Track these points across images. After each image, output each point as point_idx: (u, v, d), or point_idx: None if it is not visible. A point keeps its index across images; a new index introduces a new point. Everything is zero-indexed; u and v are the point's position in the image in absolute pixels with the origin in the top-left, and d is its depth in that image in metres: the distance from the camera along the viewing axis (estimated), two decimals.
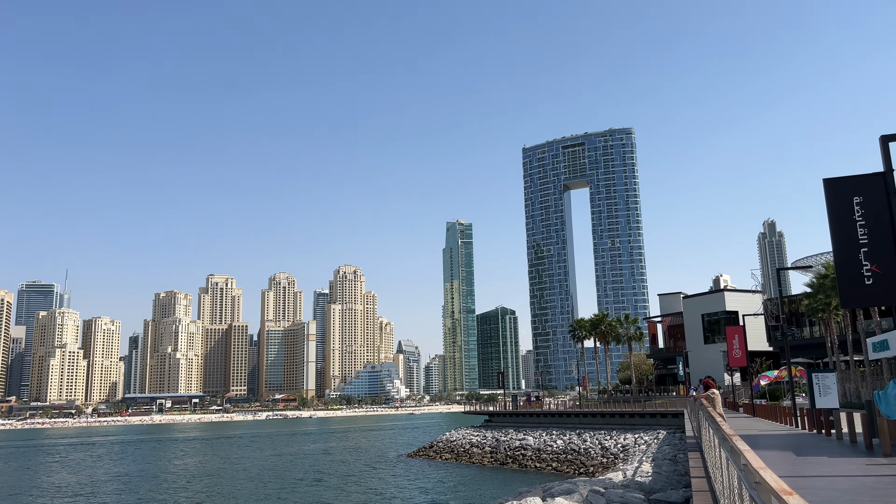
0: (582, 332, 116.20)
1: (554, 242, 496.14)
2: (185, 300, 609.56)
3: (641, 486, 28.43)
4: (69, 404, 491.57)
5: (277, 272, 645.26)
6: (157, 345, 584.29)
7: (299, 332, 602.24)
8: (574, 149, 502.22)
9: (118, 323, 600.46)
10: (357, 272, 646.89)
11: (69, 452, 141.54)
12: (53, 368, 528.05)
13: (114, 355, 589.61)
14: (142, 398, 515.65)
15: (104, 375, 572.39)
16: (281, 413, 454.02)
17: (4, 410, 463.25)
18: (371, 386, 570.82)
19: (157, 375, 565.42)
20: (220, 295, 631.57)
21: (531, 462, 72.58)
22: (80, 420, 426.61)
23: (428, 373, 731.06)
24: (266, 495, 62.43)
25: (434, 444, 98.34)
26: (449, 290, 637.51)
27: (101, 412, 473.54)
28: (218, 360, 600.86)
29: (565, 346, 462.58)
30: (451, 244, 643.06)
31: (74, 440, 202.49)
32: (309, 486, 68.89)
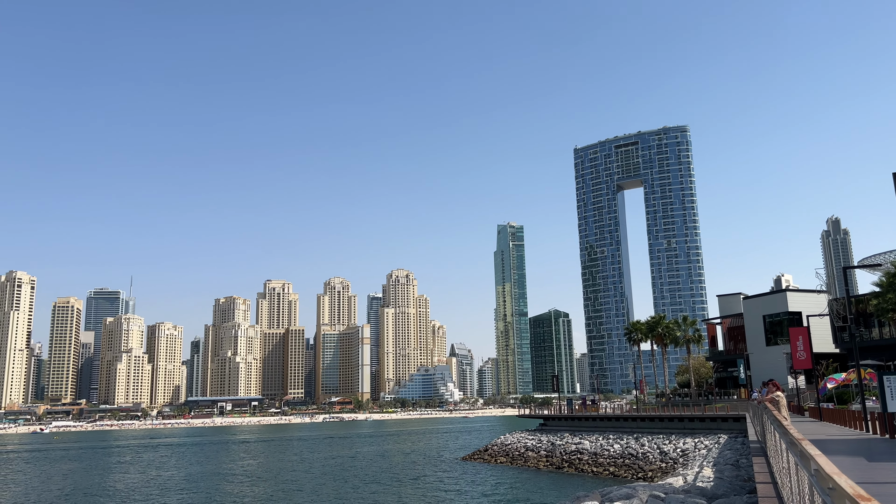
0: (638, 334, 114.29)
1: (608, 244, 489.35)
2: (243, 305, 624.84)
3: (703, 491, 27.91)
4: (135, 407, 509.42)
5: (332, 277, 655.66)
6: (217, 349, 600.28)
7: (354, 336, 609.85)
8: (627, 148, 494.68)
9: (180, 328, 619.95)
10: (409, 276, 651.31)
11: (138, 453, 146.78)
12: (120, 372, 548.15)
13: (177, 359, 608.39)
14: (203, 401, 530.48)
15: (168, 379, 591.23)
16: (337, 416, 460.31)
17: (76, 413, 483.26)
18: (424, 389, 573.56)
19: (218, 379, 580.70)
20: (278, 300, 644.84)
21: (588, 466, 71.85)
22: (146, 422, 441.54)
23: (481, 376, 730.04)
24: (328, 496, 63.52)
25: (489, 447, 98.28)
26: (501, 293, 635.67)
27: (166, 415, 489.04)
28: (276, 364, 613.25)
29: (621, 348, 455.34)
30: (502, 247, 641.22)
31: (141, 441, 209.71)
32: (369, 487, 69.77)
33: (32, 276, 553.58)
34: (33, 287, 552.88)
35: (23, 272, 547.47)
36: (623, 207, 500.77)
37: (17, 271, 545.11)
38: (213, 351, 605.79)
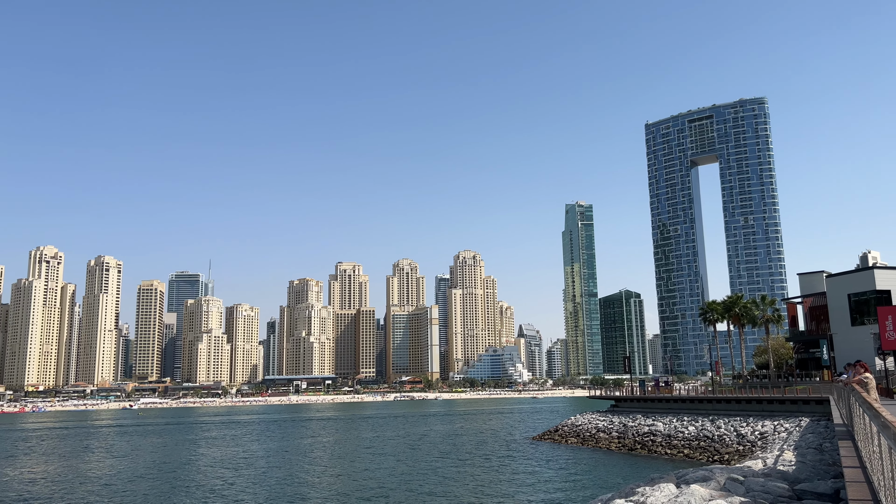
0: (714, 314, 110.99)
1: (681, 221, 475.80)
2: (316, 287, 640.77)
3: (784, 475, 27.05)
4: (216, 385, 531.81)
5: (401, 258, 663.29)
6: (292, 329, 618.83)
7: (422, 317, 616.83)
8: (701, 122, 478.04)
9: (257, 309, 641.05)
10: (476, 257, 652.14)
11: (220, 429, 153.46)
12: (201, 352, 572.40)
13: (254, 339, 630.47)
14: (280, 379, 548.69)
15: (245, 358, 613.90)
16: (408, 395, 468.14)
17: (161, 390, 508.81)
18: (493, 369, 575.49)
19: (293, 358, 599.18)
20: (349, 281, 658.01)
21: (661, 448, 70.74)
22: (226, 400, 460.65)
23: (550, 357, 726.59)
24: (403, 472, 64.88)
25: (559, 427, 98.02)
26: (569, 273, 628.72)
27: (244, 392, 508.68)
28: (348, 344, 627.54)
29: (695, 329, 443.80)
30: (570, 227, 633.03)
31: (223, 418, 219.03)
32: (443, 465, 70.85)
33: (119, 261, 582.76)
34: (120, 271, 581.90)
35: (110, 257, 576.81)
36: (697, 184, 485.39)
37: (105, 256, 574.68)
38: (287, 331, 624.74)
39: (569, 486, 54.31)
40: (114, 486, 61.70)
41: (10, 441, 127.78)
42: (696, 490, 23.31)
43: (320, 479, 63.60)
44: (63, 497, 55.46)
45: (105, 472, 72.18)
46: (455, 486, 55.99)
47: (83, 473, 71.75)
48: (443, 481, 59.05)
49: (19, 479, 67.84)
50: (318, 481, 61.71)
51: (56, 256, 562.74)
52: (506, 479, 59.67)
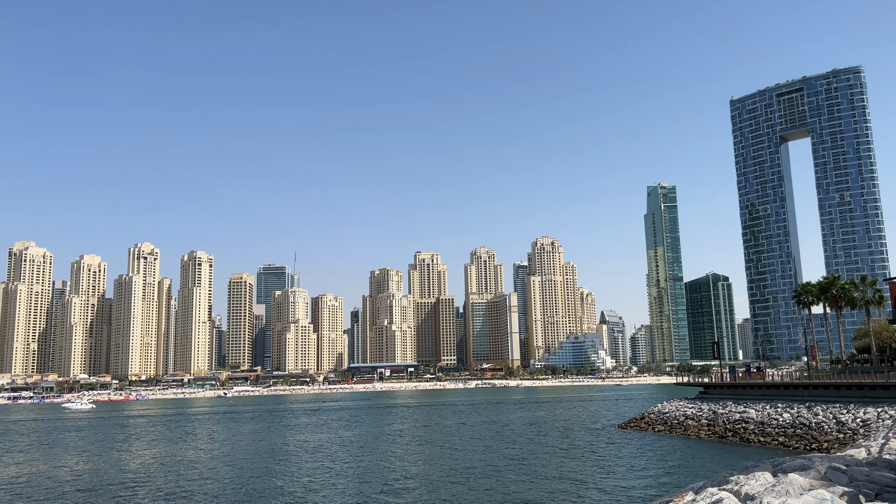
0: (809, 297, 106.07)
1: (771, 200, 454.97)
2: (396, 276, 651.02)
3: (891, 464, 25.97)
4: (304, 373, 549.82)
5: (478, 247, 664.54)
6: (374, 318, 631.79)
7: (501, 304, 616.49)
8: (791, 95, 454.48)
9: (340, 299, 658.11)
10: (555, 243, 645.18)
11: (311, 416, 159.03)
12: (289, 341, 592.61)
13: (338, 328, 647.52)
14: (364, 367, 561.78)
15: (331, 347, 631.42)
16: (489, 382, 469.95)
17: (252, 378, 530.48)
18: (575, 356, 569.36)
19: (377, 346, 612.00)
20: (427, 270, 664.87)
21: (754, 436, 68.72)
22: (314, 387, 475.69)
23: (634, 343, 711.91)
24: (491, 459, 65.73)
25: (645, 415, 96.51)
26: (653, 257, 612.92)
27: (331, 380, 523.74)
28: (428, 332, 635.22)
29: (788, 313, 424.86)
30: (652, 209, 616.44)
31: (312, 405, 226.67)
32: (528, 451, 71.28)
33: (210, 255, 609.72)
34: (211, 265, 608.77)
35: (202, 252, 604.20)
36: (787, 160, 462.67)
37: (197, 251, 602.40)
38: (370, 320, 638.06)
39: (658, 473, 53.66)
40: (219, 469, 65.28)
41: (121, 427, 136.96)
42: (795, 479, 22.74)
43: (410, 464, 65.24)
44: (174, 480, 59.17)
45: (209, 457, 76.42)
46: (543, 473, 56.32)
47: (190, 457, 76.21)
48: (531, 468, 59.47)
49: (136, 462, 72.78)
50: (409, 467, 63.34)
51: (153, 253, 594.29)
52: (594, 466, 59.50)
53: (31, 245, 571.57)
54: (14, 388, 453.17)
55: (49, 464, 72.59)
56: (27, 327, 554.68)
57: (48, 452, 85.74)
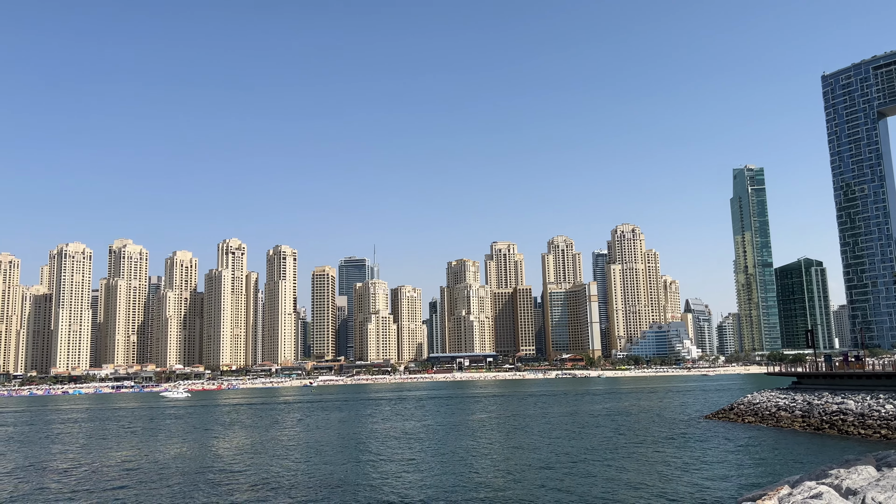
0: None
1: (868, 180, 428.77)
2: (473, 267, 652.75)
3: None
4: (385, 363, 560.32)
5: (555, 235, 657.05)
6: (452, 309, 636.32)
7: (581, 294, 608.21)
8: (889, 68, 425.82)
9: (419, 290, 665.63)
10: (636, 230, 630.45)
11: (394, 404, 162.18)
12: (370, 332, 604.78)
13: (417, 319, 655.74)
14: (443, 357, 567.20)
15: (410, 337, 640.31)
16: (569, 372, 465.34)
17: (336, 368, 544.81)
18: (658, 346, 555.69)
19: (455, 336, 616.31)
20: (504, 260, 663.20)
21: (853, 428, 65.52)
22: (395, 377, 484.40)
23: (721, 332, 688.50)
24: (574, 450, 65.42)
25: (734, 406, 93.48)
26: (740, 243, 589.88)
27: (412, 370, 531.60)
28: (507, 322, 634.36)
29: (889, 298, 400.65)
30: (739, 193, 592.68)
31: (394, 394, 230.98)
32: (613, 442, 70.46)
33: (294, 249, 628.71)
34: (295, 259, 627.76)
35: (286, 246, 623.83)
36: (886, 137, 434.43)
37: (282, 245, 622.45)
38: (448, 311, 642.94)
39: (750, 466, 52.03)
40: (307, 456, 67.69)
41: (215, 415, 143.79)
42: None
43: (493, 453, 65.68)
44: (267, 466, 61.82)
45: (298, 444, 79.32)
46: (629, 465, 55.60)
47: (281, 445, 79.34)
48: (616, 460, 58.81)
49: (231, 449, 76.43)
50: (492, 456, 63.79)
51: (240, 248, 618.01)
52: (681, 458, 58.24)
53: (128, 243, 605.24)
54: (117, 378, 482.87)
55: (153, 449, 77.18)
56: (127, 321, 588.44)
57: (151, 438, 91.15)
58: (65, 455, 74.09)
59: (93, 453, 74.48)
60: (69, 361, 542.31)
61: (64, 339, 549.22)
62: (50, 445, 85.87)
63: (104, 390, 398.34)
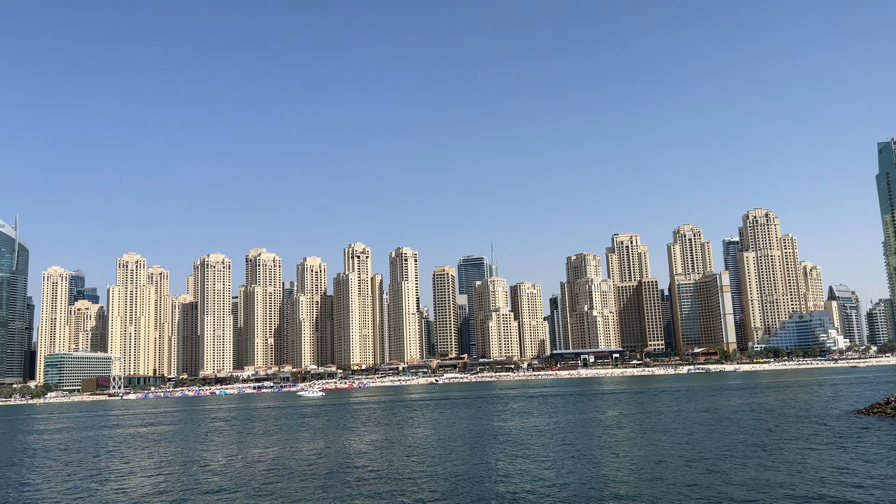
0: None
1: None
2: (594, 261, 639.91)
3: None
4: (508, 360, 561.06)
5: (681, 224, 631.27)
6: (574, 304, 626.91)
7: (711, 284, 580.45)
8: None
9: (538, 286, 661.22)
10: (769, 215, 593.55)
11: (520, 401, 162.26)
12: (491, 330, 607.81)
13: (538, 315, 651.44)
14: (567, 354, 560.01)
15: (532, 334, 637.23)
16: (702, 367, 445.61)
17: (460, 366, 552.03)
18: (800, 337, 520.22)
19: (578, 332, 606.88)
20: (626, 253, 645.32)
21: None
22: (518, 374, 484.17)
23: (871, 320, 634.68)
24: (712, 448, 62.81)
25: (891, 399, 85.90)
26: (890, 222, 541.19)
27: (535, 367, 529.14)
28: (632, 316, 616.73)
29: None
30: (886, 168, 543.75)
31: (519, 391, 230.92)
32: (756, 440, 66.96)
33: (414, 250, 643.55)
34: (416, 259, 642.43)
35: (407, 248, 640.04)
36: None
37: (403, 247, 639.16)
38: (570, 306, 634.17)
39: None
40: (441, 453, 69.20)
41: (350, 412, 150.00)
42: None
43: (627, 451, 64.27)
44: (402, 463, 63.86)
45: (431, 440, 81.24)
46: (778, 465, 52.60)
47: (413, 441, 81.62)
48: (761, 459, 55.82)
49: (368, 445, 79.64)
50: (626, 454, 62.44)
51: (364, 251, 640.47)
52: (837, 457, 54.35)
53: (262, 251, 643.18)
54: (257, 379, 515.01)
55: (298, 446, 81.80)
56: (264, 325, 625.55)
57: (295, 436, 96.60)
58: (220, 452, 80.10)
59: (245, 450, 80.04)
60: (215, 364, 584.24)
61: (209, 343, 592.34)
62: (206, 443, 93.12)
63: (247, 390, 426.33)
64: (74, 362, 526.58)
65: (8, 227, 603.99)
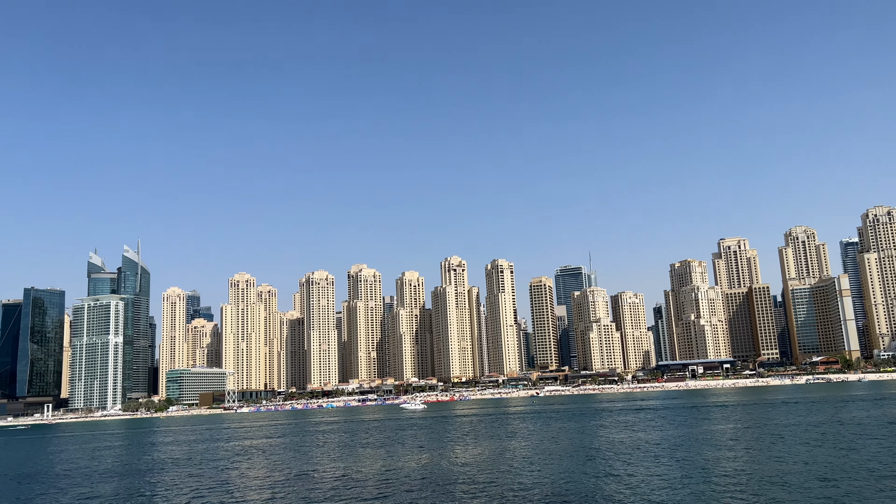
0: None
1: None
2: (699, 268, 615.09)
3: None
4: (611, 372, 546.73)
5: (793, 226, 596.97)
6: (679, 313, 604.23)
7: (829, 289, 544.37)
8: None
9: (640, 296, 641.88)
10: (892, 213, 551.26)
11: (627, 414, 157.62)
12: (593, 341, 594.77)
13: (641, 326, 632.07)
14: (674, 365, 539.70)
15: (636, 345, 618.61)
16: (822, 377, 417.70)
17: (561, 378, 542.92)
18: None
19: (685, 342, 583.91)
20: (734, 258, 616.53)
21: None
22: (623, 386, 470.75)
23: None
24: (842, 464, 58.75)
25: None
26: None
27: (640, 378, 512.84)
28: (742, 324, 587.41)
29: None
30: None
31: (625, 404, 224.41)
32: (893, 455, 62.03)
33: (510, 262, 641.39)
34: (512, 271, 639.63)
35: (502, 259, 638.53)
36: None
37: (499, 259, 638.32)
38: (675, 315, 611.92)
39: None
40: (547, 466, 68.28)
41: (453, 425, 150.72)
42: None
43: (749, 466, 61.01)
44: (507, 475, 63.40)
45: (535, 454, 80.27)
46: None
47: (517, 454, 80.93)
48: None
49: (473, 458, 79.68)
50: (749, 469, 59.28)
51: (460, 264, 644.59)
52: None
53: (363, 267, 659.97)
54: (362, 392, 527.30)
55: (407, 458, 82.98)
56: (367, 338, 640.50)
57: (403, 448, 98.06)
58: (333, 463, 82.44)
59: (356, 462, 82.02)
60: (321, 377, 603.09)
61: (316, 357, 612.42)
62: (319, 454, 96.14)
63: (352, 403, 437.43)
64: (192, 377, 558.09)
65: (132, 251, 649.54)
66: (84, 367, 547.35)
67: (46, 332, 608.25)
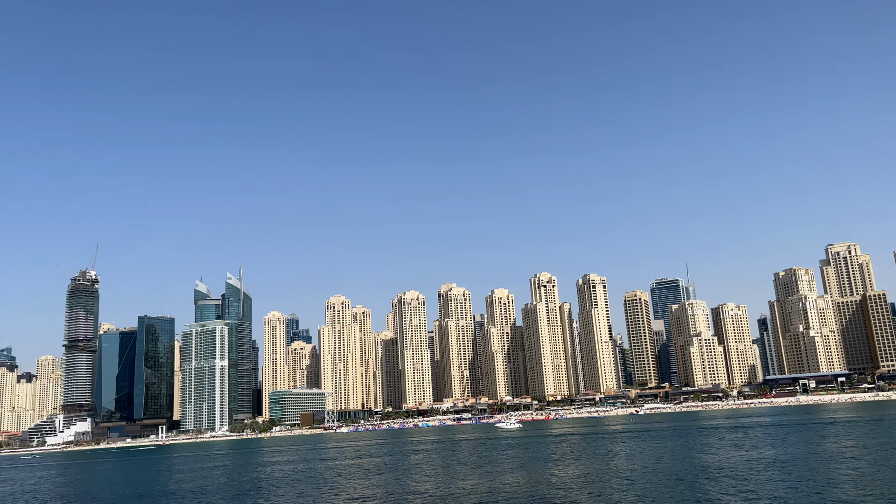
0: None
1: None
2: (806, 276, 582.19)
3: None
4: (715, 388, 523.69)
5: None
6: (786, 324, 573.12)
7: None
8: None
9: (743, 307, 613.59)
10: None
11: (732, 433, 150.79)
12: (694, 356, 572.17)
13: (745, 339, 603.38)
14: (783, 379, 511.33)
15: (740, 359, 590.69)
16: None
17: (661, 395, 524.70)
18: None
19: (793, 355, 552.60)
20: (844, 265, 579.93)
21: None
22: (728, 402, 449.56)
23: None
24: None
25: None
26: None
27: (746, 394, 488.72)
28: (857, 335, 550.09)
29: None
30: None
31: (732, 421, 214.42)
32: None
33: (602, 277, 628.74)
34: (605, 286, 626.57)
35: (594, 274, 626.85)
36: None
37: (590, 274, 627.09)
38: (781, 327, 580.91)
39: None
40: (652, 489, 66.28)
41: (551, 444, 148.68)
42: None
43: (874, 489, 57.21)
44: (616, 496, 62.02)
45: (647, 474, 78.09)
46: None
47: (622, 475, 78.98)
48: None
49: (580, 479, 78.46)
50: (874, 492, 55.61)
51: (550, 280, 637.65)
52: None
53: (453, 286, 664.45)
54: (456, 411, 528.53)
55: (503, 478, 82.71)
56: (459, 357, 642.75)
57: (500, 467, 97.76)
58: (433, 483, 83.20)
59: (456, 482, 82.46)
60: (416, 397, 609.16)
61: (410, 376, 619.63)
62: (419, 474, 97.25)
63: (447, 422, 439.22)
64: (294, 398, 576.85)
65: (234, 278, 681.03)
66: (193, 390, 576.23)
67: (159, 357, 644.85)
